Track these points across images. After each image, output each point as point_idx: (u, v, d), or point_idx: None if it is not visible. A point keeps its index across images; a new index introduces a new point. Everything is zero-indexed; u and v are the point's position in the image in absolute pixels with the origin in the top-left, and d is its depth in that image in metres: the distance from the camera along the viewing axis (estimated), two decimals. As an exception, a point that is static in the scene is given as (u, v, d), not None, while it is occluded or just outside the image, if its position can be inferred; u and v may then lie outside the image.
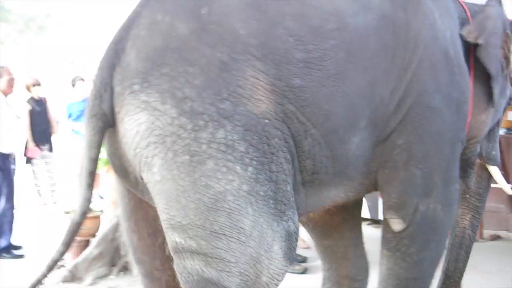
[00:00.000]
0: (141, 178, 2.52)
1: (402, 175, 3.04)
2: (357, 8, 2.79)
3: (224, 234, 2.41)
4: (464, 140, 3.32)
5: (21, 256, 6.44)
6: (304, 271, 5.69)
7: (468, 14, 3.41)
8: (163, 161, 2.38)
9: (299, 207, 2.75)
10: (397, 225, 3.19)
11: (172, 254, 2.57)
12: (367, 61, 2.76)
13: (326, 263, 3.87)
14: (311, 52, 2.57)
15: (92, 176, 2.56)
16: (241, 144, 2.41)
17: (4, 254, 6.38)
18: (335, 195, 2.96)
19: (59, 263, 5.46)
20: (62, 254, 2.69)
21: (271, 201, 2.48)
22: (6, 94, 6.65)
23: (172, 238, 2.47)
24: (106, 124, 2.52)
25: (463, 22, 3.35)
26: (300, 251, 6.20)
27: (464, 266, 4.05)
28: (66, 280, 5.35)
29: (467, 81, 3.24)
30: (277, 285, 2.56)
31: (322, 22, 2.63)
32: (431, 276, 3.44)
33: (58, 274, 5.43)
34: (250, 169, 2.43)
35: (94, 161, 2.54)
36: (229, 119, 2.39)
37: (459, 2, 3.45)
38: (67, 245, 2.69)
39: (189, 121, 2.36)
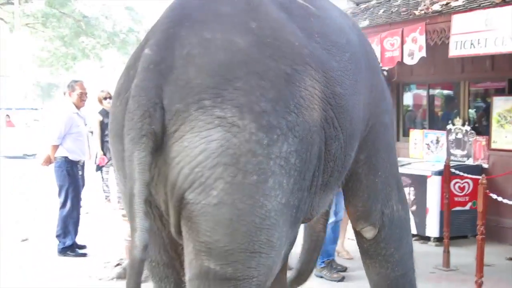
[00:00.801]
0: (181, 199, 2.42)
1: (365, 184, 3.35)
2: (347, 28, 3.16)
3: (259, 252, 2.44)
4: None
5: (84, 255, 6.96)
6: (342, 279, 5.96)
7: None
8: (228, 185, 2.33)
9: (314, 209, 2.90)
10: (369, 232, 3.48)
11: (193, 278, 2.49)
12: (363, 75, 3.08)
13: None
14: (339, 62, 2.84)
15: (147, 202, 2.40)
16: (293, 155, 2.45)
17: (69, 252, 6.92)
18: (330, 200, 3.26)
19: (116, 261, 6.02)
20: None
21: (294, 210, 2.56)
22: (78, 107, 7.23)
23: (204, 263, 2.41)
24: (155, 145, 2.38)
25: None
26: (341, 261, 6.51)
27: (315, 265, 4.17)
28: (120, 277, 5.76)
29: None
30: None
31: (337, 38, 2.93)
32: (413, 268, 3.72)
33: (114, 271, 5.94)
34: (291, 180, 2.47)
35: (148, 185, 2.39)
36: (291, 131, 2.43)
37: None
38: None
39: (265, 135, 2.34)
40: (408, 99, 9.71)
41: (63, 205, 7.02)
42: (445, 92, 9.40)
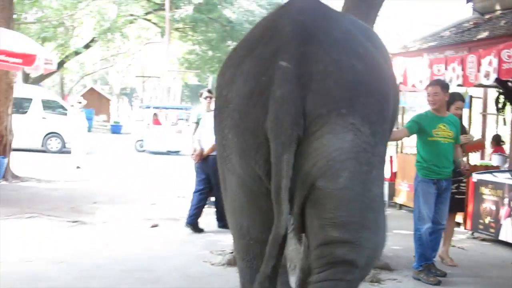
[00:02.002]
0: (312, 185, 3.04)
1: None
2: None
3: (369, 228, 3.12)
4: None
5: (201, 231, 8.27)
6: (438, 283, 6.16)
7: None
8: (351, 173, 2.99)
9: None
10: None
11: (320, 245, 3.13)
12: None
13: None
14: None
15: (289, 192, 3.01)
16: (383, 155, 3.24)
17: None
18: None
19: (228, 250, 6.60)
20: (274, 267, 3.08)
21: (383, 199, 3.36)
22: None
23: (330, 233, 3.06)
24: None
25: None
26: (443, 267, 6.74)
27: None
28: (230, 264, 6.32)
29: None
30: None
31: None
32: None
33: (225, 258, 6.51)
34: (382, 174, 3.25)
35: (291, 179, 2.98)
36: (384, 137, 3.19)
37: None
38: (275, 257, 3.06)
39: (373, 138, 3.05)
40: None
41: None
42: None
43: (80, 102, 16.47)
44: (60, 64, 27.34)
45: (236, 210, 3.43)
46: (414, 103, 11.82)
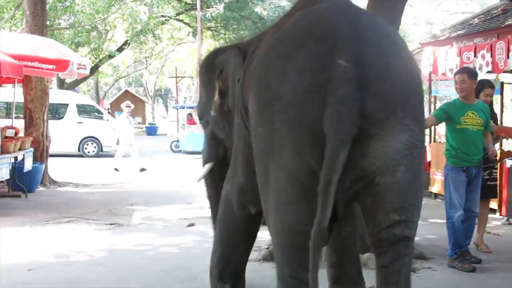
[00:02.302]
0: (372, 181, 3.30)
1: None
2: None
3: (417, 206, 3.49)
4: None
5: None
6: (473, 270, 6.18)
7: None
8: (406, 167, 3.29)
9: None
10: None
11: (386, 227, 3.40)
12: None
13: None
14: None
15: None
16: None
17: None
18: None
19: (264, 246, 6.65)
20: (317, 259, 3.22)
21: None
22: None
23: (391, 217, 3.38)
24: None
25: None
26: (478, 253, 6.75)
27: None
28: (265, 259, 6.39)
29: None
30: None
31: None
32: None
33: (261, 253, 6.55)
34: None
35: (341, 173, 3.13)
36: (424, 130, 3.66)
37: None
38: (321, 250, 3.35)
39: (422, 136, 3.48)
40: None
41: None
42: None
43: (128, 106, 16.65)
44: (94, 68, 27.69)
45: (282, 204, 3.48)
46: (446, 91, 11.68)
